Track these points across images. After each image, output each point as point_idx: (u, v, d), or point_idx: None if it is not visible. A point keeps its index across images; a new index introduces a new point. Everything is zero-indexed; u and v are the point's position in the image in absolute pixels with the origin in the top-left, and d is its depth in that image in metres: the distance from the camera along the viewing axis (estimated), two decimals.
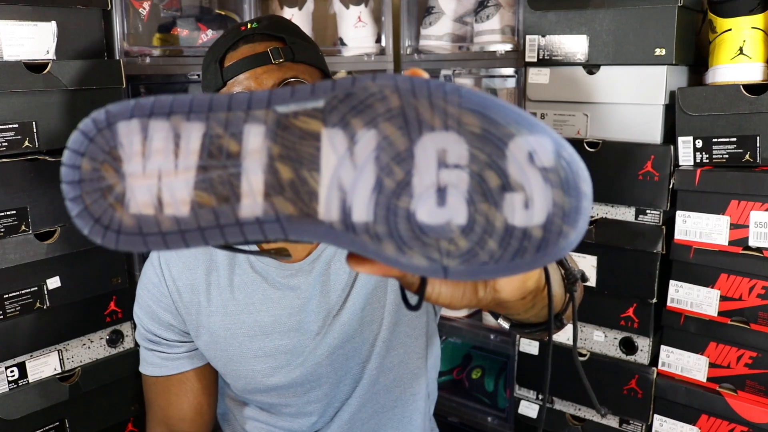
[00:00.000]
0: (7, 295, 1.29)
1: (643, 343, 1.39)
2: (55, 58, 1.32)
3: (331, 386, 1.09)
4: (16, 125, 1.26)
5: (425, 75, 0.43)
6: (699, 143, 1.28)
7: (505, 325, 0.72)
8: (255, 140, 0.41)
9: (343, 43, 1.79)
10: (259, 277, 1.05)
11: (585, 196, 0.42)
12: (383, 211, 0.41)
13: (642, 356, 1.40)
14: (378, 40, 1.81)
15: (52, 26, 1.31)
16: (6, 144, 1.25)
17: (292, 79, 0.95)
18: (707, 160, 1.28)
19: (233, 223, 0.42)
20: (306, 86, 0.42)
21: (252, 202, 0.42)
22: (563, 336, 1.49)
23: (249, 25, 1.01)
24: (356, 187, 0.41)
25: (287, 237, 0.42)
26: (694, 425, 1.33)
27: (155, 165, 0.41)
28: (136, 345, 1.55)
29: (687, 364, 1.33)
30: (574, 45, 1.39)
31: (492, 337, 1.70)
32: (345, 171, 0.41)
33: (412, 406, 1.17)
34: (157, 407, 1.15)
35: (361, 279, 1.06)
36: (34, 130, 1.28)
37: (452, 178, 0.41)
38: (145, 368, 1.17)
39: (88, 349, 1.45)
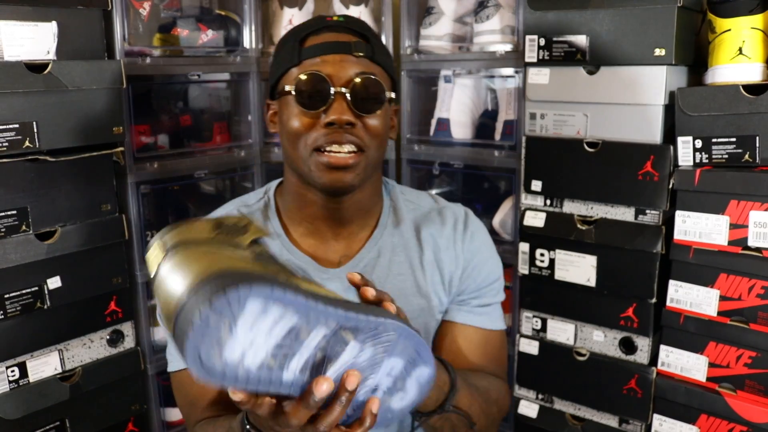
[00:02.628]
0: (7, 295, 1.29)
1: (643, 343, 1.39)
2: (55, 58, 1.32)
3: None
4: (17, 125, 1.26)
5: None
6: (698, 143, 1.28)
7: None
8: (316, 338, 0.63)
9: None
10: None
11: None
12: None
13: (642, 356, 1.40)
14: None
15: (52, 26, 1.31)
16: (6, 144, 1.25)
17: (368, 75, 0.96)
18: (707, 160, 1.28)
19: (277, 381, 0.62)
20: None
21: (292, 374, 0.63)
22: (563, 336, 1.49)
23: (335, 18, 1.02)
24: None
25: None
26: (693, 425, 1.33)
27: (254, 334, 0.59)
28: (137, 345, 1.55)
29: (686, 364, 1.33)
30: (574, 45, 1.39)
31: None
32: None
33: None
34: (197, 395, 1.05)
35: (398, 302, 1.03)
36: (35, 130, 1.28)
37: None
38: (176, 365, 1.07)
39: (89, 349, 1.45)
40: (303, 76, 0.95)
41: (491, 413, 1.02)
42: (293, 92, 0.96)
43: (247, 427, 0.77)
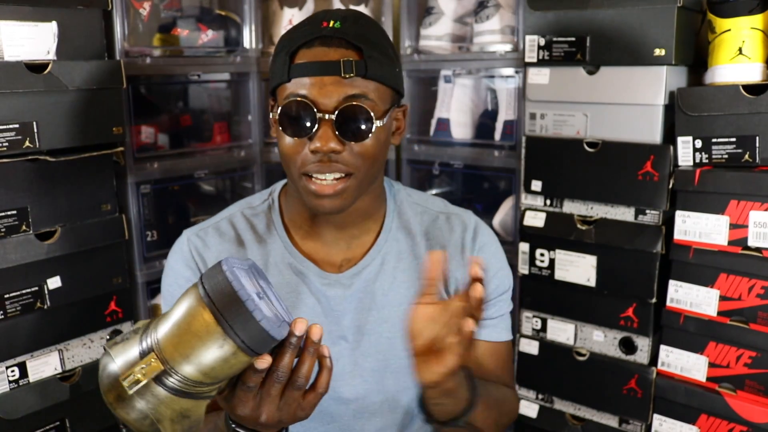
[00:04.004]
0: (7, 295, 1.29)
1: (643, 343, 1.39)
2: (55, 58, 1.32)
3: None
4: (17, 125, 1.26)
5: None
6: (698, 143, 1.28)
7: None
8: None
9: None
10: (297, 278, 1.03)
11: None
12: None
13: (642, 356, 1.40)
14: None
15: (52, 26, 1.31)
16: (7, 144, 1.25)
17: (356, 100, 0.91)
18: (707, 160, 1.28)
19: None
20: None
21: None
22: (563, 336, 1.49)
23: (332, 23, 0.94)
24: None
25: None
26: (693, 425, 1.33)
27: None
28: None
29: (686, 364, 1.33)
30: (574, 45, 1.39)
31: None
32: None
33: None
34: None
35: (403, 310, 1.03)
36: (35, 130, 1.28)
37: None
38: None
39: (89, 349, 1.45)
40: (288, 101, 0.92)
41: (502, 423, 1.04)
42: (278, 116, 0.93)
43: (233, 425, 0.79)
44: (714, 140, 1.26)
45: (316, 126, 0.90)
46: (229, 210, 1.11)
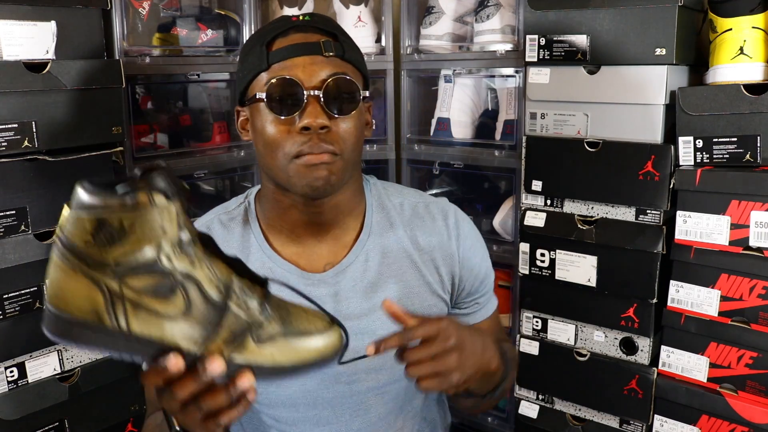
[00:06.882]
0: (6, 295, 1.28)
1: (644, 344, 1.39)
2: (54, 57, 1.32)
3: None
4: (16, 125, 1.25)
5: None
6: (699, 143, 1.28)
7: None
8: None
9: None
10: (282, 282, 1.02)
11: None
12: None
13: (642, 356, 1.40)
14: (378, 40, 1.81)
15: (51, 26, 1.31)
16: (5, 144, 1.24)
17: (340, 75, 0.94)
18: (708, 160, 1.28)
19: None
20: None
21: None
22: (564, 336, 1.49)
23: (301, 17, 0.99)
24: None
25: None
26: (694, 425, 1.33)
27: None
28: None
29: (687, 365, 1.33)
30: (575, 45, 1.39)
31: None
32: None
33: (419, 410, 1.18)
34: (150, 393, 1.10)
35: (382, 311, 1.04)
36: (34, 130, 1.28)
37: None
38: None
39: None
40: (273, 81, 0.93)
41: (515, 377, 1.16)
42: (264, 98, 0.94)
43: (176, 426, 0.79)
44: (715, 140, 1.26)
45: (304, 101, 0.92)
46: (207, 216, 1.11)
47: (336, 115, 0.94)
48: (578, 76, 1.41)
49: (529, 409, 1.57)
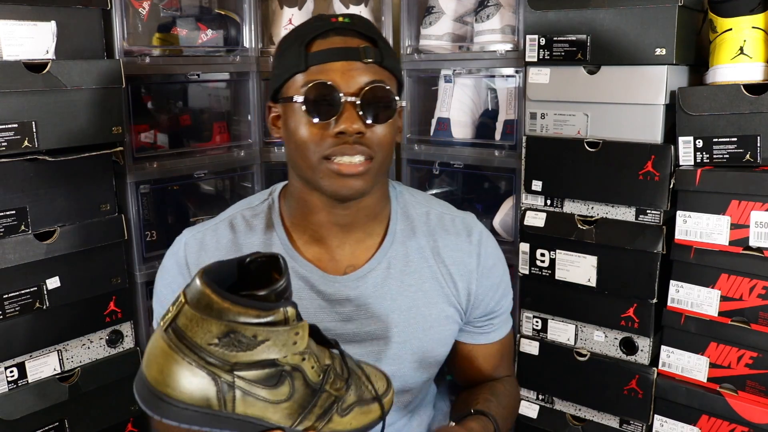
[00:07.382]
0: (6, 295, 1.29)
1: (644, 344, 1.39)
2: (54, 57, 1.32)
3: None
4: (16, 125, 1.25)
5: None
6: (699, 143, 1.28)
7: None
8: None
9: None
10: (300, 282, 1.02)
11: None
12: None
13: (642, 356, 1.40)
14: None
15: (51, 26, 1.31)
16: (6, 144, 1.24)
17: (378, 84, 0.94)
18: (708, 160, 1.28)
19: None
20: None
21: None
22: (564, 336, 1.49)
23: (340, 19, 0.98)
24: None
25: None
26: (694, 425, 1.33)
27: None
28: (136, 345, 1.55)
29: (687, 365, 1.33)
30: (575, 45, 1.39)
31: None
32: None
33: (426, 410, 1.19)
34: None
35: (411, 314, 1.05)
36: (34, 130, 1.28)
37: None
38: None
39: (88, 350, 1.45)
40: (311, 84, 0.92)
41: (514, 418, 1.13)
42: (301, 101, 0.93)
43: None
44: (715, 140, 1.26)
45: (341, 107, 0.92)
46: (229, 211, 1.10)
47: (371, 122, 0.93)
48: (578, 76, 1.41)
49: (529, 409, 1.57)
